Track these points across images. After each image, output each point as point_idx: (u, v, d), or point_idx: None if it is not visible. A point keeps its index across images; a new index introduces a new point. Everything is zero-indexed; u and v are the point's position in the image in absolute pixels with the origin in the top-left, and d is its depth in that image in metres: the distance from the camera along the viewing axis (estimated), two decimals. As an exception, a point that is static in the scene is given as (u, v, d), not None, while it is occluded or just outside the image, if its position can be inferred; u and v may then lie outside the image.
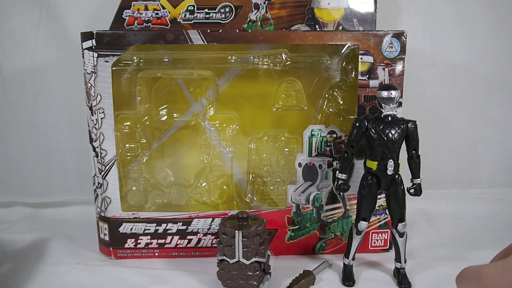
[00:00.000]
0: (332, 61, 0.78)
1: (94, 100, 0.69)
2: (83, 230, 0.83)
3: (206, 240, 0.74)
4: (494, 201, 1.01)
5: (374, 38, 0.68)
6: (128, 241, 0.74)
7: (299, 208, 0.74)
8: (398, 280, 0.66)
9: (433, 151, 1.04)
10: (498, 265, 0.51)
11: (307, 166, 0.74)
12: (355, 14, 0.73)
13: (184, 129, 0.82)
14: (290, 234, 0.75)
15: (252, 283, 0.62)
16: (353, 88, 0.74)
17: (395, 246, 0.67)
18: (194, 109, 0.81)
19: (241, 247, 0.61)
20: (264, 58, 0.78)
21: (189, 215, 0.74)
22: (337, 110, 0.79)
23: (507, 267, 0.50)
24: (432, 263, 0.71)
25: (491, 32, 1.00)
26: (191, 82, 0.80)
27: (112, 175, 0.71)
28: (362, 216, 0.65)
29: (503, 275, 0.49)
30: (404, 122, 0.63)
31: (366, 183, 0.64)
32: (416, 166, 0.65)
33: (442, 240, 0.83)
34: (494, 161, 1.06)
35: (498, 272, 0.50)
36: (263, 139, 0.82)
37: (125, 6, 0.71)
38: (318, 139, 0.73)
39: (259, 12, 0.73)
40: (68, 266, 0.71)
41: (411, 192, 0.65)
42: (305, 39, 0.69)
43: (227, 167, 0.83)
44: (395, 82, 0.70)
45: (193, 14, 0.72)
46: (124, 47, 0.67)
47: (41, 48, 0.96)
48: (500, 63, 1.02)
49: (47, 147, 1.01)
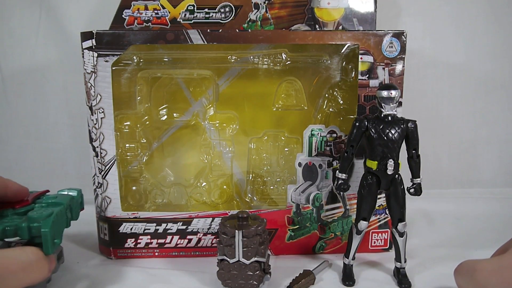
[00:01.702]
0: (332, 60, 0.78)
1: (94, 100, 0.69)
2: (83, 230, 0.83)
3: (206, 240, 0.74)
4: (494, 201, 1.01)
5: (374, 37, 0.68)
6: (128, 241, 0.74)
7: (299, 207, 0.74)
8: (398, 279, 0.66)
9: (433, 151, 1.04)
10: (493, 261, 0.52)
11: (307, 165, 0.74)
12: (355, 14, 0.73)
13: (184, 129, 0.82)
14: (290, 234, 0.75)
15: (252, 282, 0.62)
16: (353, 87, 0.74)
17: (395, 245, 0.67)
18: (194, 108, 0.81)
19: (241, 246, 0.61)
20: (264, 58, 0.78)
21: (189, 215, 0.74)
22: (337, 109, 0.79)
23: (501, 264, 0.50)
24: (432, 263, 0.71)
25: (490, 32, 1.00)
26: (191, 81, 0.80)
27: (112, 175, 0.71)
28: (362, 215, 0.65)
29: (496, 271, 0.50)
30: (404, 122, 0.63)
31: (366, 183, 0.64)
32: (416, 166, 0.65)
33: (442, 240, 0.83)
34: (494, 161, 1.06)
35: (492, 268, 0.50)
36: (263, 139, 0.82)
37: (125, 6, 0.71)
38: (318, 138, 0.73)
39: (259, 12, 0.73)
40: (68, 266, 0.71)
41: (411, 192, 0.65)
42: (305, 39, 0.69)
43: (227, 167, 0.83)
44: (395, 81, 0.70)
45: (193, 14, 0.72)
46: (124, 46, 0.67)
47: (41, 48, 0.96)
48: (500, 63, 1.02)
49: (47, 147, 1.01)
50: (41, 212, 0.56)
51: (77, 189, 0.67)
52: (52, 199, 0.62)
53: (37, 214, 0.55)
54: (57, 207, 0.59)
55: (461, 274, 0.54)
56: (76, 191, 0.66)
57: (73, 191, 0.66)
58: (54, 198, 0.62)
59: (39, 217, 0.54)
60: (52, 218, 0.55)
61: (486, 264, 0.52)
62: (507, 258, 0.50)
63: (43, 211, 0.56)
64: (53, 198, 0.62)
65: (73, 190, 0.66)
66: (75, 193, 0.66)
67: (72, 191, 0.66)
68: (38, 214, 0.55)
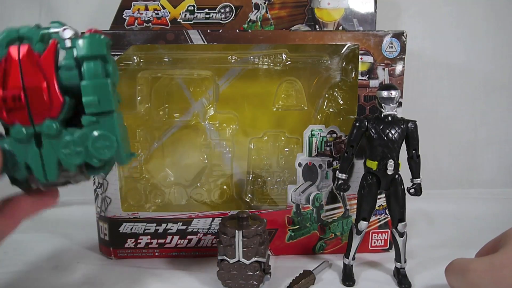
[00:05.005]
0: (332, 61, 0.78)
1: (94, 100, 0.69)
2: (83, 230, 0.83)
3: (206, 240, 0.74)
4: (494, 201, 1.01)
5: (374, 38, 0.68)
6: (128, 241, 0.74)
7: (299, 208, 0.74)
8: (398, 280, 0.66)
9: (433, 151, 1.04)
10: (485, 261, 0.52)
11: (307, 166, 0.74)
12: (355, 14, 0.73)
13: (184, 129, 0.82)
14: (290, 234, 0.75)
15: (252, 283, 0.62)
16: (353, 88, 0.74)
17: (395, 246, 0.67)
18: (194, 109, 0.81)
19: (241, 247, 0.61)
20: (264, 58, 0.78)
21: (189, 215, 0.74)
22: (337, 110, 0.79)
23: (492, 264, 0.50)
24: (432, 263, 0.71)
25: (491, 32, 1.00)
26: (191, 82, 0.80)
27: (112, 175, 0.71)
28: (362, 216, 0.65)
29: (488, 271, 0.50)
30: (404, 122, 0.63)
31: (366, 183, 0.64)
32: (416, 166, 0.65)
33: (442, 240, 0.83)
34: (494, 161, 1.06)
35: (484, 268, 0.50)
36: (263, 139, 0.82)
37: (125, 6, 0.71)
38: (318, 139, 0.73)
39: (259, 12, 0.73)
40: (68, 266, 0.71)
41: (411, 192, 0.65)
42: (305, 39, 0.70)
43: (227, 167, 0.83)
44: (395, 82, 0.70)
45: (193, 14, 0.72)
46: (124, 47, 0.67)
47: (41, 48, 0.96)
48: (500, 63, 1.02)
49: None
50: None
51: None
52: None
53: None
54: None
55: (453, 273, 0.54)
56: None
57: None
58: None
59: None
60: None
61: (479, 264, 0.52)
62: (499, 258, 0.51)
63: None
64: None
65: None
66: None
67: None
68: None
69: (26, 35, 0.45)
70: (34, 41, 0.45)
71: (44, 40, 0.45)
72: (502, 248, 0.52)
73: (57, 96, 0.44)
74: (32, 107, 0.45)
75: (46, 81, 0.44)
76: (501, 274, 0.49)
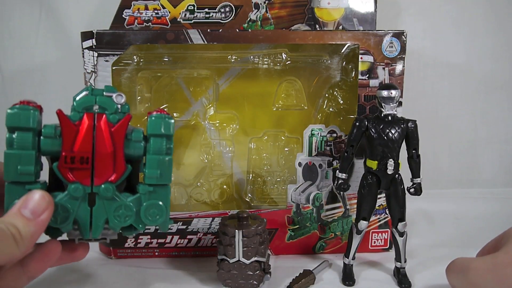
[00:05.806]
0: (332, 60, 0.78)
1: (94, 100, 0.69)
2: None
3: (206, 239, 0.74)
4: (494, 201, 1.01)
5: (374, 37, 0.68)
6: (128, 240, 0.74)
7: (299, 207, 0.74)
8: (398, 279, 0.66)
9: (433, 151, 1.04)
10: (486, 260, 0.52)
11: (307, 165, 0.74)
12: (355, 13, 0.73)
13: (184, 129, 0.82)
14: (290, 234, 0.75)
15: (252, 282, 0.62)
16: (353, 87, 0.74)
17: (395, 245, 0.67)
18: (194, 108, 0.81)
19: (241, 246, 0.61)
20: (264, 58, 0.78)
21: (189, 214, 0.74)
22: (337, 109, 0.79)
23: (494, 263, 0.50)
24: (432, 263, 0.71)
25: (491, 32, 1.00)
26: (191, 81, 0.80)
27: (112, 174, 0.71)
28: (362, 215, 0.65)
29: (490, 271, 0.50)
30: (404, 122, 0.63)
31: (366, 183, 0.64)
32: (416, 165, 0.65)
33: (442, 239, 0.83)
34: (494, 161, 1.06)
35: (486, 267, 0.50)
36: (263, 139, 0.82)
37: (125, 5, 0.71)
38: (318, 138, 0.73)
39: (259, 12, 0.73)
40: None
41: (411, 191, 0.65)
42: (305, 39, 0.70)
43: (227, 167, 0.83)
44: (395, 81, 0.70)
45: (193, 13, 0.72)
46: (124, 46, 0.67)
47: (41, 48, 0.96)
48: (500, 63, 1.02)
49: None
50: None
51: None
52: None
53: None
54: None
55: (454, 272, 0.54)
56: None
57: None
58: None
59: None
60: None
61: (480, 263, 0.52)
62: (501, 257, 0.50)
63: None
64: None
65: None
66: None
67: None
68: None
69: (103, 105, 0.50)
70: (109, 111, 0.50)
71: (117, 112, 0.50)
72: (503, 247, 0.52)
73: (122, 163, 0.50)
74: (96, 170, 0.49)
75: (115, 149, 0.49)
76: (502, 273, 0.49)
